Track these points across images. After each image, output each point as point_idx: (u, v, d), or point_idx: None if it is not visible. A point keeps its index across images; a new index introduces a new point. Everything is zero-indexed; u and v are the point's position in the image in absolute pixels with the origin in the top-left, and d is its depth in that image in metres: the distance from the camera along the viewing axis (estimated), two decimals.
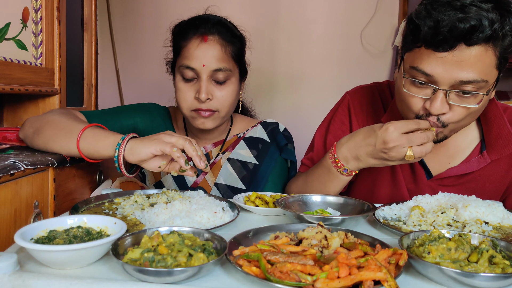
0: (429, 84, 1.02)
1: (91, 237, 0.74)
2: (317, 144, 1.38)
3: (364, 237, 0.80)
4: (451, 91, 1.00)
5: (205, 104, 1.31)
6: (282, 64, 2.84)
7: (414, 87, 1.05)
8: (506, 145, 1.18)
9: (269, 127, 1.49)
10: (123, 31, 2.88)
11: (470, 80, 0.97)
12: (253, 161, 1.44)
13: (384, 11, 2.74)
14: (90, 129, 1.08)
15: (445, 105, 1.02)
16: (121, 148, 1.01)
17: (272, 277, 0.61)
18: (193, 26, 1.33)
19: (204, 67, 1.29)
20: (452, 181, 1.24)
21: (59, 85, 1.55)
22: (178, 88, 1.34)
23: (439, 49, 0.97)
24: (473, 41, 0.94)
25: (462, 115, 1.04)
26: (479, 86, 0.99)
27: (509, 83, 2.74)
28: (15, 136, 1.31)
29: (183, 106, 1.34)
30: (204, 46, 1.30)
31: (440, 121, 1.05)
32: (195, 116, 1.34)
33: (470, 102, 1.02)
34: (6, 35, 1.29)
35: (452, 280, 0.65)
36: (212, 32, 1.32)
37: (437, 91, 1.01)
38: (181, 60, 1.32)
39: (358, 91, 1.37)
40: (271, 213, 1.06)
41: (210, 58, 1.29)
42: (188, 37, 1.32)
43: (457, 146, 1.24)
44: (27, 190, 1.01)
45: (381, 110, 1.32)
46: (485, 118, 1.23)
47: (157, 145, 0.99)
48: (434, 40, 0.96)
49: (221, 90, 1.32)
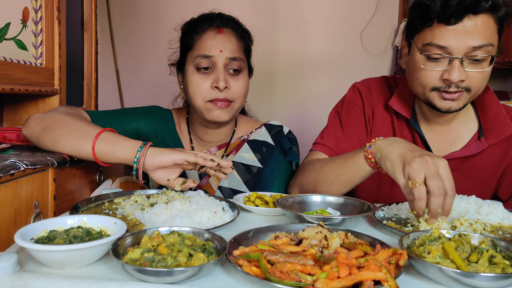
0: (445, 55, 1.12)
1: (91, 237, 0.74)
2: (331, 121, 1.41)
3: (364, 237, 0.80)
4: (465, 59, 1.11)
5: (223, 93, 1.32)
6: (282, 64, 2.84)
7: (430, 62, 1.15)
8: (503, 129, 1.26)
9: (274, 130, 1.49)
10: (123, 31, 2.88)
11: (481, 45, 1.09)
12: (257, 165, 1.43)
13: (384, 11, 2.74)
14: (106, 132, 1.10)
15: (463, 72, 1.11)
16: (144, 151, 1.05)
17: (272, 277, 0.61)
18: (208, 19, 1.37)
19: (222, 53, 1.32)
20: (453, 165, 1.28)
21: (59, 85, 1.55)
22: (191, 80, 1.34)
23: (451, 21, 1.09)
24: (479, 10, 1.07)
25: (479, 79, 1.13)
26: (488, 50, 1.11)
27: (509, 83, 2.74)
28: (15, 136, 1.32)
29: (197, 98, 1.33)
30: (220, 37, 1.34)
31: (460, 88, 1.13)
32: (210, 108, 1.33)
33: (483, 66, 1.13)
34: (6, 35, 1.29)
35: (452, 280, 0.65)
36: (226, 26, 1.36)
37: (454, 60, 1.11)
38: (196, 52, 1.34)
39: (365, 80, 1.45)
40: (271, 213, 1.06)
41: (227, 47, 1.33)
42: (203, 29, 1.35)
43: (458, 132, 1.32)
44: (27, 190, 1.01)
45: (388, 96, 1.38)
46: (482, 106, 1.31)
47: (180, 154, 1.05)
48: (446, 14, 1.08)
49: (236, 80, 1.35)
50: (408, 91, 1.29)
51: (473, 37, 1.09)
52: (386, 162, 0.99)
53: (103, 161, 1.09)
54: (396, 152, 0.98)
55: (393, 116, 1.35)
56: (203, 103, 1.33)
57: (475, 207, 1.02)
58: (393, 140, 1.03)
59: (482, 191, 1.32)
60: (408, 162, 0.92)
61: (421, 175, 0.90)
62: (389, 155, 0.99)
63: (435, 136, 1.32)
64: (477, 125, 1.33)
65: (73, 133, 1.11)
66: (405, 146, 0.99)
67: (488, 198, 1.34)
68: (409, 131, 1.34)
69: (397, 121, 1.35)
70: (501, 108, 1.29)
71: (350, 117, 1.38)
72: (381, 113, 1.37)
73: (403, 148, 0.98)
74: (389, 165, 0.98)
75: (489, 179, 1.33)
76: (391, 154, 0.99)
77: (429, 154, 0.93)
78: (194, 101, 1.35)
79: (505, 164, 1.32)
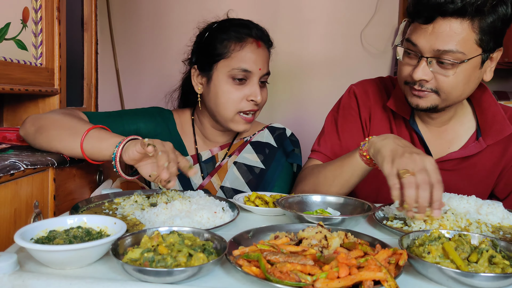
0: (416, 52, 1.14)
1: (91, 237, 0.74)
2: (327, 128, 1.42)
3: (364, 237, 0.80)
4: (432, 60, 1.12)
5: (253, 105, 1.36)
6: (282, 64, 2.83)
7: (406, 57, 1.19)
8: (501, 130, 1.26)
9: (276, 132, 1.50)
10: (123, 31, 2.88)
11: (447, 50, 1.09)
12: (259, 166, 1.44)
13: (384, 11, 2.74)
14: (95, 130, 1.09)
15: (427, 72, 1.12)
16: (119, 147, 1.02)
17: (272, 277, 0.61)
18: (245, 27, 1.37)
19: (260, 70, 1.35)
20: (451, 166, 1.31)
21: (59, 85, 1.55)
22: (225, 90, 1.34)
23: (420, 20, 1.11)
24: (446, 12, 1.06)
25: (449, 83, 1.13)
26: (455, 56, 1.09)
27: (509, 83, 2.74)
28: (15, 136, 1.31)
29: (229, 108, 1.35)
30: (259, 51, 1.36)
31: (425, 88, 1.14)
32: (238, 120, 1.37)
33: (449, 71, 1.12)
34: (6, 35, 1.29)
35: (452, 280, 0.65)
36: (263, 39, 1.39)
37: (421, 59, 1.13)
38: (234, 63, 1.33)
39: (361, 82, 1.45)
40: (271, 213, 1.06)
41: (264, 62, 1.37)
42: (242, 40, 1.34)
43: (455, 132, 1.33)
44: (27, 190, 1.01)
45: (385, 98, 1.38)
46: (480, 107, 1.31)
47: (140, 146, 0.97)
48: (414, 12, 1.12)
49: (263, 92, 1.39)
50: None
51: (442, 40, 1.08)
52: (377, 156, 1.03)
53: (93, 159, 1.08)
54: (388, 147, 1.01)
55: (391, 117, 1.36)
56: (233, 114, 1.35)
57: (475, 207, 1.02)
58: (386, 136, 1.06)
59: (480, 191, 1.32)
60: (399, 156, 0.96)
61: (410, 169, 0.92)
62: (381, 149, 1.02)
63: (433, 137, 1.32)
64: (475, 125, 1.33)
65: (64, 133, 1.10)
66: (396, 141, 1.02)
67: (485, 197, 1.34)
68: (407, 131, 1.34)
69: (395, 121, 1.35)
70: (499, 108, 1.29)
71: (346, 122, 1.38)
72: (379, 115, 1.37)
73: (394, 143, 1.02)
74: (379, 157, 1.02)
75: (487, 179, 1.33)
76: (383, 148, 1.02)
77: (418, 152, 0.97)
78: (223, 109, 1.36)
79: (503, 164, 1.32)
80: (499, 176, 1.34)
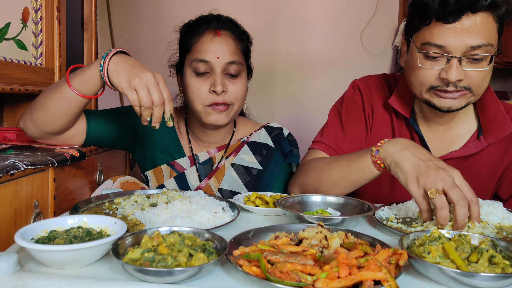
0: (443, 54, 1.10)
1: (92, 237, 0.74)
2: (330, 120, 1.40)
3: (364, 237, 0.80)
4: (463, 58, 1.10)
5: (221, 97, 1.32)
6: (282, 64, 2.83)
7: (428, 61, 1.14)
8: (502, 128, 1.25)
9: (274, 132, 1.49)
10: (123, 31, 2.88)
11: (479, 44, 1.08)
12: (257, 167, 1.43)
13: (384, 11, 2.74)
14: (75, 69, 1.14)
15: (461, 72, 1.10)
16: (108, 55, 1.10)
17: (272, 277, 0.61)
18: (205, 21, 1.36)
19: (219, 59, 1.31)
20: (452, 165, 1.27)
21: None
22: (190, 84, 1.34)
23: (449, 20, 1.07)
24: (478, 8, 1.06)
25: (479, 78, 1.12)
26: (487, 49, 1.09)
27: (509, 83, 2.74)
28: (15, 136, 1.32)
29: (196, 101, 1.34)
30: (218, 40, 1.33)
31: (459, 88, 1.12)
32: (209, 112, 1.33)
33: (482, 66, 1.11)
34: (6, 35, 1.29)
35: (452, 280, 0.65)
36: (224, 28, 1.35)
37: (451, 59, 1.10)
38: (194, 55, 1.33)
39: (365, 77, 1.44)
40: (271, 213, 1.06)
41: (224, 51, 1.32)
42: (200, 32, 1.34)
43: (457, 131, 1.32)
44: (27, 190, 1.01)
45: (387, 95, 1.37)
46: (481, 105, 1.30)
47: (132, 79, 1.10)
48: (444, 12, 1.07)
49: (234, 83, 1.34)
50: (407, 90, 1.29)
51: (472, 36, 1.07)
52: (397, 171, 1.00)
53: (86, 93, 1.12)
54: (408, 162, 0.98)
55: (392, 115, 1.35)
56: (202, 107, 1.33)
57: None
58: (402, 145, 1.02)
59: (482, 190, 1.32)
60: (424, 173, 0.93)
61: (439, 187, 0.90)
62: (400, 164, 0.99)
63: (434, 136, 1.32)
64: (476, 124, 1.32)
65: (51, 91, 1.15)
66: (415, 152, 0.99)
67: (488, 197, 1.34)
68: (408, 130, 1.34)
69: (396, 120, 1.35)
70: (501, 106, 1.28)
71: (350, 116, 1.37)
72: (381, 112, 1.37)
73: (414, 155, 0.98)
74: (401, 174, 0.98)
75: (489, 179, 1.33)
76: (402, 163, 0.99)
77: (442, 166, 0.95)
78: (193, 104, 1.35)
79: (505, 164, 1.31)
80: (502, 176, 1.33)
